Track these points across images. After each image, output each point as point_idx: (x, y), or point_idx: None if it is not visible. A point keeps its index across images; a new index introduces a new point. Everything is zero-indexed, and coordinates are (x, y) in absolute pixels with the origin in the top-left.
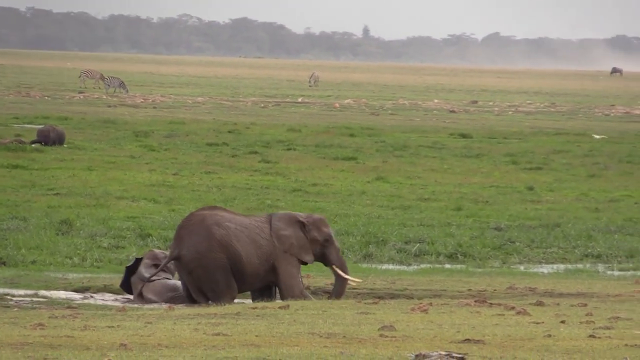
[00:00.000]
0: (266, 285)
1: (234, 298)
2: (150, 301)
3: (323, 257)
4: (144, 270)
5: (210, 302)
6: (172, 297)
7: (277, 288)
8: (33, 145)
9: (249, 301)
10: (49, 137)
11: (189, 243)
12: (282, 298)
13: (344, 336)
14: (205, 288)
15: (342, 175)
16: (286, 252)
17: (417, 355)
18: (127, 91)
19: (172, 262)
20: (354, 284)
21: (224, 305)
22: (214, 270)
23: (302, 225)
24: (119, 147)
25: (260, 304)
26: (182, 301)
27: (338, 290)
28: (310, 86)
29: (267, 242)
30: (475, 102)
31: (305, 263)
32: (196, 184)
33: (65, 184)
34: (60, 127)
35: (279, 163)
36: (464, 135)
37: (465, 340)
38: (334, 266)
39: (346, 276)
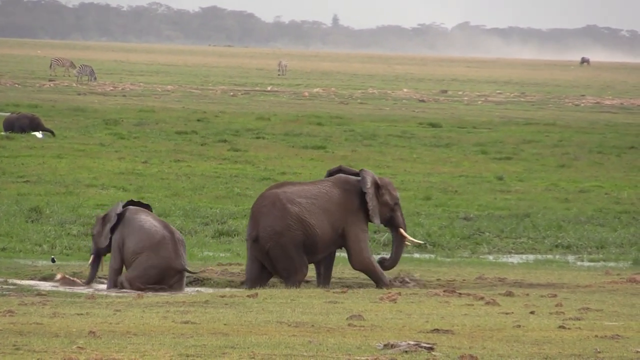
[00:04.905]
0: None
1: (305, 276)
2: None
3: (391, 220)
4: None
5: (283, 280)
6: None
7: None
8: (3, 133)
9: (225, 289)
10: (14, 126)
11: (266, 223)
12: (351, 260)
13: (313, 325)
14: (279, 267)
15: (311, 164)
16: (358, 214)
17: (385, 345)
18: (96, 79)
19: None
20: (416, 245)
21: (298, 283)
22: (290, 248)
23: (377, 187)
24: (88, 135)
25: (228, 293)
26: None
27: (396, 255)
28: (279, 75)
29: (336, 207)
30: (445, 91)
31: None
32: (165, 172)
33: (35, 172)
34: (29, 113)
35: (248, 151)
36: (433, 125)
37: (434, 330)
38: (400, 229)
39: (411, 238)
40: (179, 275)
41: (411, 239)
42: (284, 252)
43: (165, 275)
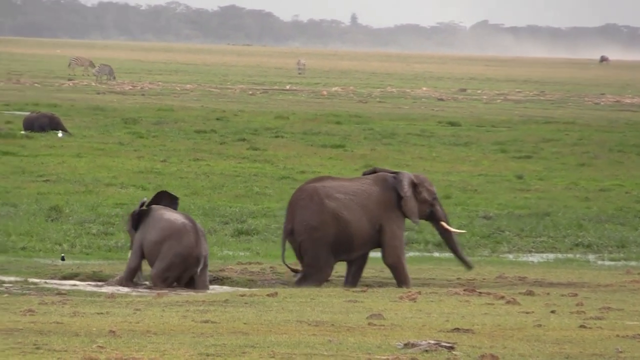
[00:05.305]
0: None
1: (328, 277)
2: None
3: (432, 215)
4: None
5: (305, 276)
6: None
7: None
8: (23, 132)
9: (243, 289)
10: (33, 125)
11: (301, 217)
12: (384, 255)
13: (333, 324)
14: (305, 261)
15: (330, 162)
16: (396, 212)
17: (405, 344)
18: (115, 78)
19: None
20: (459, 234)
21: (318, 282)
22: (321, 245)
23: (414, 185)
24: (107, 134)
25: (248, 292)
26: None
27: (454, 248)
28: (300, 74)
29: (375, 204)
30: (464, 90)
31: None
32: (184, 171)
33: (55, 171)
34: (48, 112)
35: (267, 150)
36: (452, 124)
37: (455, 329)
38: (442, 222)
39: (454, 229)
40: (203, 266)
41: (454, 229)
42: (314, 248)
43: (188, 265)
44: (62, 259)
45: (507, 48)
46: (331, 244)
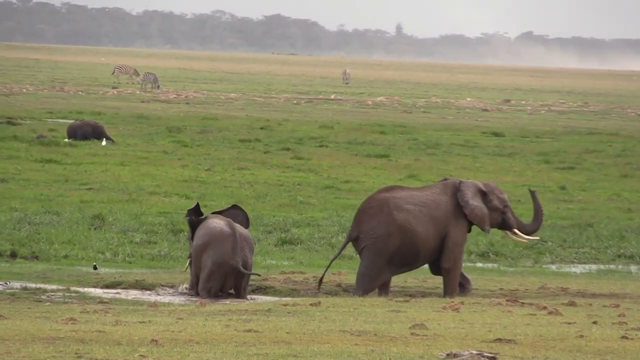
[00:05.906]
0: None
1: (373, 289)
2: None
3: (504, 223)
4: None
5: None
6: None
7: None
8: (66, 140)
9: (286, 298)
10: (77, 133)
11: (368, 226)
12: (442, 258)
13: (375, 334)
14: (360, 266)
15: (374, 172)
16: (462, 220)
17: (448, 354)
18: (159, 87)
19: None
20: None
21: (364, 291)
22: (380, 255)
23: (484, 194)
24: (151, 142)
25: (291, 301)
26: None
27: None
28: (347, 84)
29: (443, 214)
30: (508, 100)
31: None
32: (228, 180)
33: (98, 179)
34: (92, 121)
35: (312, 160)
36: (496, 134)
37: (497, 339)
38: (515, 230)
39: (527, 237)
40: (239, 275)
41: (527, 237)
42: (372, 256)
43: (225, 273)
44: (95, 267)
45: (551, 59)
46: (393, 255)
